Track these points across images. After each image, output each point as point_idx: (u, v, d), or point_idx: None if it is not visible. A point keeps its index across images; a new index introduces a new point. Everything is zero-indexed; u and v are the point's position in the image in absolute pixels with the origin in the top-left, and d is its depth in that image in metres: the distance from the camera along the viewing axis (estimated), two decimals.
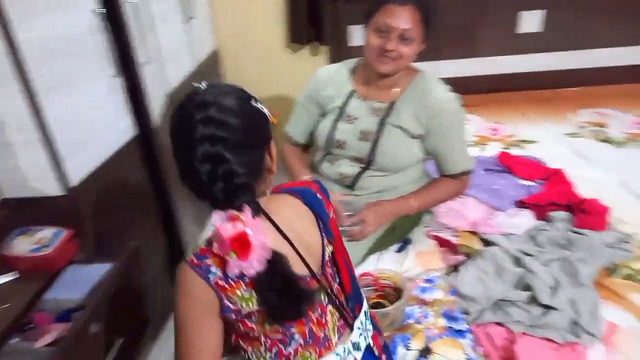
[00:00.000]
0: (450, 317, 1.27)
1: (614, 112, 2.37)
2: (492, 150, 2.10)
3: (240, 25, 2.40)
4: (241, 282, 0.79)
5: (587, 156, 2.04)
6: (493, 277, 1.38)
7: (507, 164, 1.92)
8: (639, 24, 2.49)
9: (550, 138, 2.19)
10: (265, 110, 0.85)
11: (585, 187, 1.78)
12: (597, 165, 1.98)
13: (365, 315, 0.97)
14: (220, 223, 0.75)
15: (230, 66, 2.49)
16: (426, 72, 1.50)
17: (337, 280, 0.94)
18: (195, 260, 0.79)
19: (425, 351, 1.19)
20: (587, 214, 1.61)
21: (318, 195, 0.93)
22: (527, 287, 1.35)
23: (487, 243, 1.54)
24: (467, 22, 2.48)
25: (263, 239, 0.76)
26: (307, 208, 0.90)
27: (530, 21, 2.46)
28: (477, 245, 1.55)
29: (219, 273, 0.78)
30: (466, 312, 1.29)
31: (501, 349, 1.20)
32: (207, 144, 0.75)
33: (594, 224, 1.58)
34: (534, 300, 1.31)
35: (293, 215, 0.87)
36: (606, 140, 2.15)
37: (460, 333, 1.24)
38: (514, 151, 2.09)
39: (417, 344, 1.21)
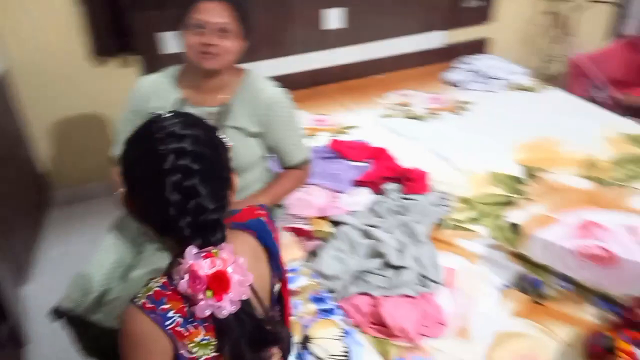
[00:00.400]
0: (317, 299, 1.32)
1: (414, 92, 2.70)
2: (323, 139, 2.22)
3: (36, 40, 2.14)
4: (201, 328, 0.73)
5: (401, 132, 2.29)
6: (349, 253, 1.48)
7: (338, 150, 2.06)
8: (423, 15, 2.88)
9: (368, 121, 2.41)
10: (226, 140, 0.82)
11: (405, 158, 2.00)
12: (411, 138, 2.24)
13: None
14: (193, 260, 0.69)
15: (28, 85, 2.20)
16: (252, 70, 1.52)
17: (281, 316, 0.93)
18: (148, 305, 0.70)
19: (305, 340, 1.22)
20: (413, 181, 1.82)
21: (268, 226, 0.89)
22: (379, 255, 1.47)
23: (336, 224, 1.64)
24: (275, 23, 2.58)
25: (244, 278, 0.72)
26: (260, 247, 0.87)
27: (333, 18, 2.66)
28: (328, 227, 1.63)
29: (177, 318, 0.71)
30: (332, 291, 1.36)
31: (369, 315, 1.29)
32: (180, 176, 0.70)
33: (419, 189, 1.79)
34: (386, 264, 1.43)
35: (250, 255, 0.82)
36: (413, 117, 2.45)
37: (330, 312, 1.30)
38: (342, 137, 2.26)
39: (295, 338, 1.23)
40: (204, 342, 0.73)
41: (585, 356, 1.15)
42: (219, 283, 0.70)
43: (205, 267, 0.70)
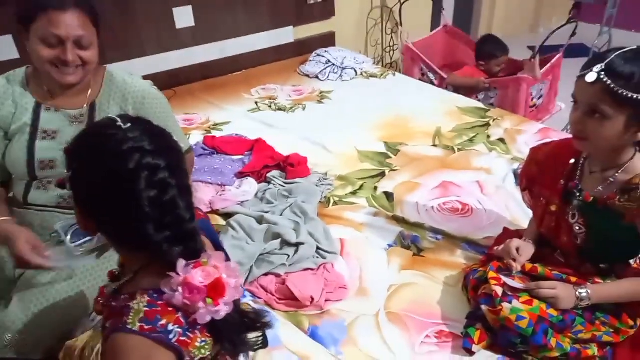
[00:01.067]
0: None
1: (276, 86, 2.81)
2: (196, 138, 2.21)
3: None
4: (197, 332, 0.72)
5: (273, 124, 2.38)
6: (246, 240, 1.52)
7: (215, 145, 2.07)
8: (271, 13, 2.99)
9: (238, 117, 2.46)
10: None
11: (282, 147, 2.10)
12: (283, 128, 2.34)
13: None
14: (185, 273, 0.70)
15: None
16: (112, 68, 1.45)
17: None
18: (146, 327, 0.68)
19: None
20: (294, 166, 1.92)
21: (209, 223, 0.91)
22: (276, 237, 1.54)
23: (229, 216, 1.66)
24: (127, 23, 2.47)
25: (236, 281, 0.73)
26: (212, 245, 0.87)
27: (184, 16, 2.64)
28: (221, 220, 1.65)
29: (177, 329, 0.69)
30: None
31: (277, 292, 1.35)
32: (157, 192, 0.69)
33: (301, 172, 1.90)
34: (285, 244, 1.51)
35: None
36: (280, 109, 2.56)
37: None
38: (216, 134, 2.27)
39: None
40: (202, 344, 0.74)
41: (465, 290, 1.36)
42: (216, 290, 0.72)
43: (198, 277, 0.71)
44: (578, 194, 1.18)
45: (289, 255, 1.45)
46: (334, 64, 2.98)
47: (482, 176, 1.93)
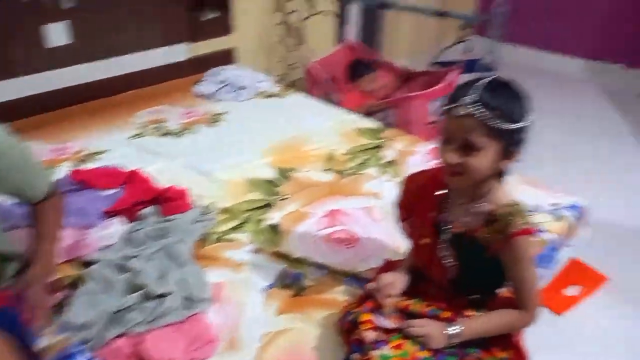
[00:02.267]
0: (64, 358, 1.16)
1: (166, 108, 2.63)
2: (64, 171, 1.99)
3: None
4: None
5: (155, 151, 2.21)
6: (103, 294, 1.35)
7: (83, 179, 1.87)
8: (162, 29, 2.81)
9: (118, 144, 2.26)
10: None
11: (162, 178, 1.93)
12: (166, 156, 2.17)
13: None
14: None
15: None
16: None
17: None
18: None
19: None
20: (171, 201, 1.77)
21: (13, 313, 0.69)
22: (139, 288, 1.38)
23: (88, 264, 1.48)
24: None
25: None
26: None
27: (57, 34, 2.40)
28: (78, 271, 1.46)
29: None
30: (86, 342, 1.22)
31: (132, 356, 1.20)
32: None
33: (178, 208, 1.74)
34: (149, 295, 1.35)
35: None
36: (167, 133, 2.39)
37: None
38: (89, 165, 2.06)
39: None
40: None
41: (339, 334, 1.28)
42: None
43: None
44: (447, 227, 1.17)
45: (150, 310, 1.30)
46: (230, 84, 2.85)
47: (372, 202, 1.89)
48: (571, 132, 3.44)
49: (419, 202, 1.25)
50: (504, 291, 1.23)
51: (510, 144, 1.03)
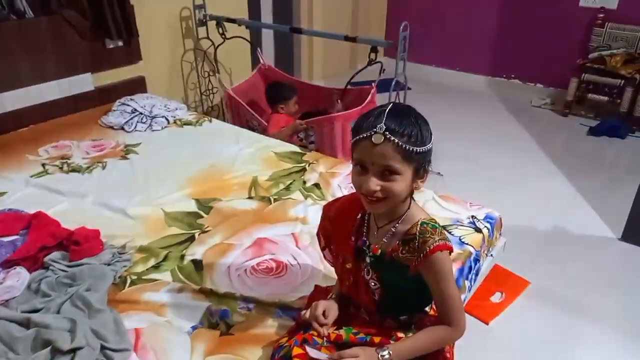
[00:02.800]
0: None
1: (71, 142, 2.45)
2: None
3: None
4: None
5: (61, 190, 2.04)
6: (5, 355, 1.19)
7: None
8: (63, 58, 2.64)
9: (17, 185, 2.06)
10: None
11: (70, 219, 1.78)
12: (73, 194, 2.01)
13: None
14: None
15: None
16: None
17: None
18: None
19: None
20: (80, 244, 1.62)
21: None
22: (47, 344, 1.24)
23: None
24: None
25: None
26: None
27: None
28: None
29: None
30: None
31: None
32: None
33: (89, 251, 1.61)
34: (58, 351, 1.21)
35: None
36: (74, 170, 2.22)
37: None
38: None
39: None
40: None
41: None
42: None
43: None
44: (367, 250, 1.18)
45: None
46: (141, 113, 2.72)
47: (298, 227, 1.86)
48: (477, 144, 3.66)
49: (338, 228, 1.26)
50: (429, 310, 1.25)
51: (422, 164, 1.07)
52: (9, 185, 2.06)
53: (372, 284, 1.18)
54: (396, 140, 1.01)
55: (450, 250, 1.12)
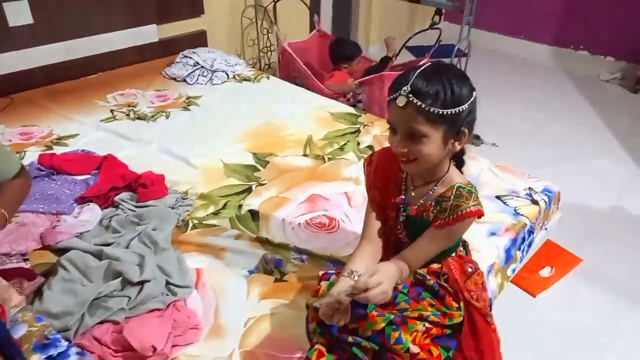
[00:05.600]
0: (43, 346, 1.12)
1: (137, 91, 2.56)
2: (33, 156, 1.91)
3: None
4: None
5: (128, 136, 2.15)
6: (80, 281, 1.31)
7: (53, 165, 1.80)
8: (129, 9, 2.71)
9: (89, 128, 2.18)
10: None
11: (136, 163, 1.89)
12: (140, 141, 2.12)
13: None
14: None
15: None
16: None
17: None
18: None
19: None
20: (147, 187, 1.72)
21: None
22: (118, 275, 1.35)
23: (64, 252, 1.43)
24: None
25: None
26: None
27: (19, 12, 2.29)
28: (53, 259, 1.41)
29: None
30: (65, 330, 1.18)
31: (112, 344, 1.17)
32: None
33: (155, 194, 1.70)
34: (128, 282, 1.32)
35: None
36: (140, 117, 2.32)
37: (62, 356, 1.12)
38: (60, 150, 1.98)
39: None
40: None
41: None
42: None
43: None
44: (404, 209, 1.18)
45: (130, 297, 1.27)
46: (203, 67, 2.79)
47: (351, 187, 1.89)
48: (540, 117, 3.53)
49: (385, 182, 1.23)
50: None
51: (455, 126, 1.02)
52: (81, 128, 2.18)
53: (403, 239, 1.20)
54: (418, 103, 0.97)
55: (481, 216, 1.10)
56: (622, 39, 4.13)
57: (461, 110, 1.00)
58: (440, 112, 0.98)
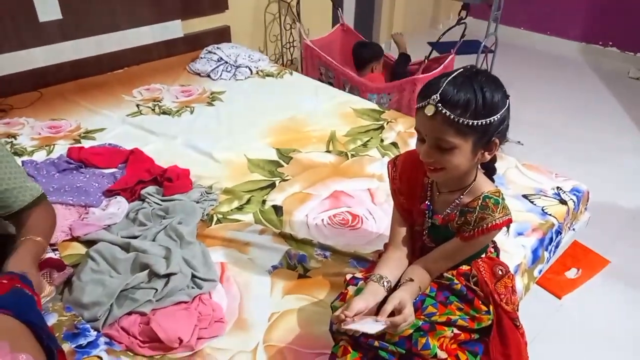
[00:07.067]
0: (73, 335, 1.15)
1: (162, 86, 2.58)
2: (62, 149, 1.95)
3: None
4: None
5: (154, 130, 2.17)
6: (108, 273, 1.33)
7: (81, 158, 1.83)
8: (154, 4, 2.74)
9: (115, 122, 2.22)
10: None
11: (162, 158, 1.91)
12: (165, 135, 2.14)
13: None
14: None
15: None
16: None
17: None
18: None
19: None
20: (173, 181, 1.74)
21: (25, 295, 0.70)
22: (144, 267, 1.37)
23: (92, 243, 1.46)
24: None
25: None
26: (20, 326, 0.70)
27: (49, 8, 2.33)
28: (82, 250, 1.44)
29: None
30: (94, 320, 1.21)
31: (141, 335, 1.19)
32: None
33: (180, 188, 1.72)
34: (154, 275, 1.34)
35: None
36: (165, 112, 2.34)
37: (91, 345, 1.15)
38: (87, 143, 2.02)
39: None
40: None
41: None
42: None
43: None
44: (432, 217, 1.16)
45: (156, 290, 1.28)
46: (226, 62, 2.80)
47: (374, 184, 1.88)
48: (567, 115, 3.46)
49: (410, 187, 1.21)
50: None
51: (486, 136, 0.98)
52: (108, 122, 2.22)
53: (428, 244, 1.18)
54: (448, 113, 0.93)
55: (509, 225, 1.07)
56: None
57: (493, 120, 0.96)
58: (470, 123, 0.94)
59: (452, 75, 0.97)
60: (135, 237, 1.48)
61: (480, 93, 0.94)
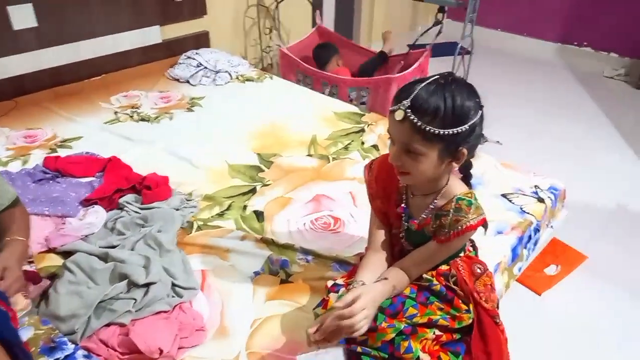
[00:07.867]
0: (50, 349, 1.13)
1: (140, 92, 2.56)
2: (38, 159, 1.92)
3: None
4: None
5: (132, 137, 2.15)
6: (86, 284, 1.31)
7: (58, 167, 1.80)
8: (133, 10, 2.71)
9: (93, 130, 2.19)
10: None
11: (143, 164, 1.89)
12: (144, 142, 2.12)
13: None
14: None
15: None
16: None
17: None
18: None
19: None
20: (152, 189, 1.72)
21: (2, 308, 0.64)
22: (123, 277, 1.35)
23: (69, 254, 1.43)
24: None
25: None
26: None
27: (23, 16, 2.29)
28: (59, 261, 1.42)
29: None
30: (71, 333, 1.19)
31: (119, 346, 1.17)
32: None
33: (159, 196, 1.70)
34: (134, 284, 1.32)
35: None
36: (143, 119, 2.32)
37: (69, 359, 1.13)
38: (64, 152, 1.99)
39: None
40: None
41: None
42: None
43: None
44: (406, 219, 1.17)
45: (136, 300, 1.27)
46: (206, 67, 2.79)
47: (356, 186, 1.88)
48: (545, 114, 3.52)
49: (386, 191, 1.21)
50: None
51: (452, 146, 0.98)
52: (85, 130, 2.19)
53: (406, 247, 1.19)
54: (415, 120, 0.93)
55: (484, 224, 1.08)
56: (626, 35, 4.12)
57: (460, 130, 0.95)
58: (437, 132, 0.94)
59: (427, 82, 0.97)
60: (113, 247, 1.46)
61: (451, 101, 0.94)
